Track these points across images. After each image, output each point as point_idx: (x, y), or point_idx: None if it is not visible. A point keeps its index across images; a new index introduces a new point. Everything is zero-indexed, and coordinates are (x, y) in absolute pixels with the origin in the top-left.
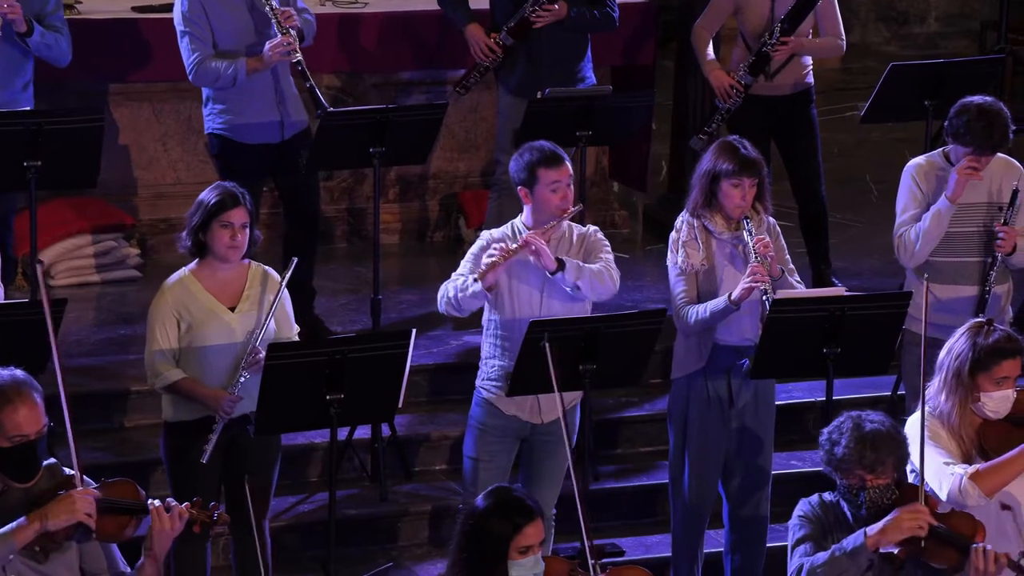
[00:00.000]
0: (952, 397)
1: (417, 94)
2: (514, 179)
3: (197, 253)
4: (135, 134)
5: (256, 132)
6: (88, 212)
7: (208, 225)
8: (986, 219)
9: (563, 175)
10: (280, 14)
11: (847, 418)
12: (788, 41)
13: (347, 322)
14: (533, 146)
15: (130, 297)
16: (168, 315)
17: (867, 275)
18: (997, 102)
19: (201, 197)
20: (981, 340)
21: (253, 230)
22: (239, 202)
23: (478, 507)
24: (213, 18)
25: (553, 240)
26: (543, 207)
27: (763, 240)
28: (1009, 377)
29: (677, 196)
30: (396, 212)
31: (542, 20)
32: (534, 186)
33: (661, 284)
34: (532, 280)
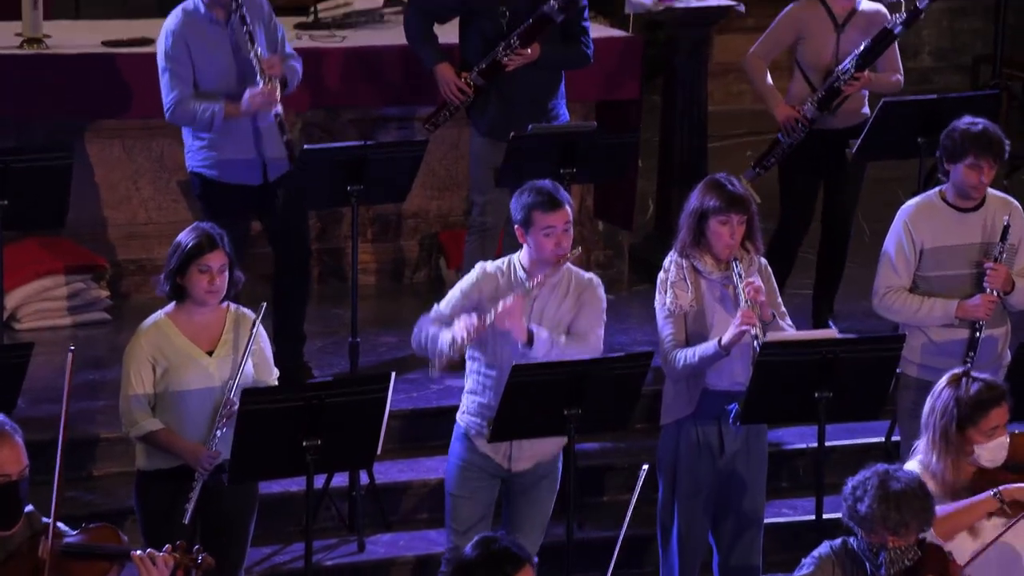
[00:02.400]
0: (943, 456)
1: (393, 130)
2: (512, 217)
3: (175, 297)
4: (105, 172)
5: (236, 172)
6: (57, 253)
7: (186, 269)
8: (981, 259)
9: (558, 220)
10: (265, 62)
11: (873, 474)
12: (861, 76)
13: (324, 366)
14: (534, 187)
15: (100, 340)
16: (143, 360)
17: (859, 317)
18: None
19: (178, 239)
20: (963, 394)
21: (233, 272)
22: (217, 244)
23: (466, 557)
24: (196, 57)
25: (548, 285)
26: (537, 251)
27: (753, 284)
28: (999, 425)
29: (664, 235)
30: (373, 252)
31: (514, 64)
32: (529, 228)
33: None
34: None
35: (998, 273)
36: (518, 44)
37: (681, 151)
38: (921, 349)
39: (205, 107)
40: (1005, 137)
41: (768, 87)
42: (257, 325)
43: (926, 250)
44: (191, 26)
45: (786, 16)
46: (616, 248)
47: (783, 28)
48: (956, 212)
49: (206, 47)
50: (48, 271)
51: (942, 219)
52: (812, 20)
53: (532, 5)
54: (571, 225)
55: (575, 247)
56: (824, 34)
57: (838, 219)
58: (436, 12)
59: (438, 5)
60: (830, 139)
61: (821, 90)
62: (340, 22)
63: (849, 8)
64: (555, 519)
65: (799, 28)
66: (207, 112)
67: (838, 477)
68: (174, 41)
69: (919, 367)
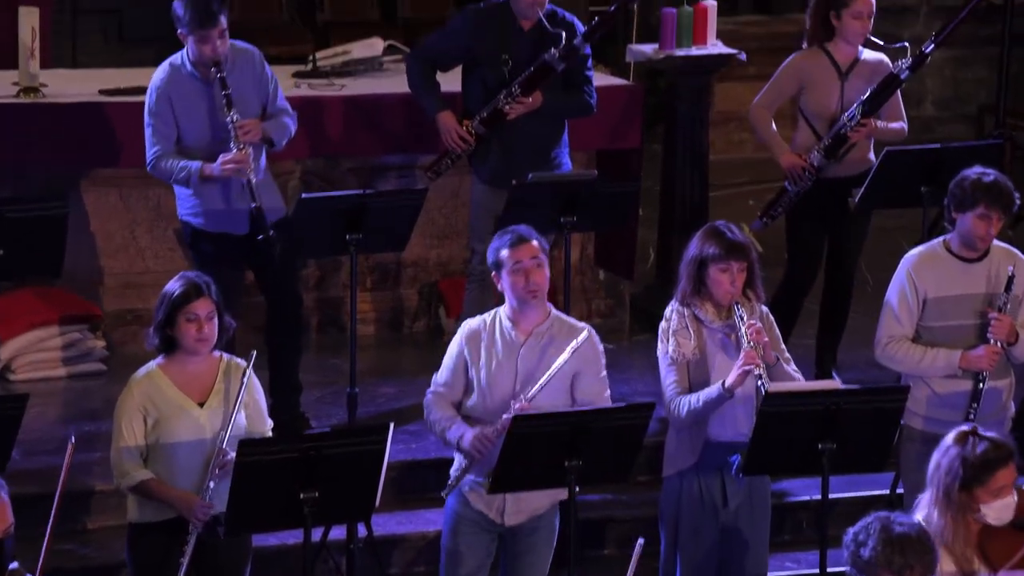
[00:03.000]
0: (946, 514)
1: (393, 179)
2: (489, 267)
3: (166, 349)
4: (102, 221)
5: (222, 221)
6: (52, 303)
7: (174, 319)
8: (985, 309)
9: (524, 255)
10: (240, 128)
11: (875, 519)
12: (867, 123)
13: (322, 416)
14: (505, 230)
15: (96, 392)
16: (135, 411)
17: (863, 367)
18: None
19: (164, 291)
20: (969, 453)
21: (223, 319)
22: (203, 292)
23: None
24: (179, 113)
25: (533, 335)
26: (512, 290)
27: (755, 325)
28: (1006, 485)
29: (665, 284)
30: (372, 301)
31: (516, 112)
32: (501, 269)
33: (649, 376)
34: (506, 375)
35: (1002, 324)
36: (519, 92)
37: (682, 200)
38: (926, 401)
39: (182, 166)
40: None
41: (773, 135)
42: (248, 374)
43: (929, 300)
44: (174, 83)
45: (789, 66)
46: (617, 297)
47: (786, 78)
48: (960, 262)
49: (188, 104)
50: (43, 321)
51: (946, 269)
52: (815, 69)
53: (534, 53)
54: (542, 262)
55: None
56: (828, 83)
57: (841, 268)
58: (438, 60)
59: (440, 53)
60: (835, 188)
61: (827, 137)
62: (339, 70)
63: (852, 57)
64: (555, 573)
65: (802, 77)
66: (183, 172)
67: (842, 530)
68: (157, 97)
69: (924, 419)
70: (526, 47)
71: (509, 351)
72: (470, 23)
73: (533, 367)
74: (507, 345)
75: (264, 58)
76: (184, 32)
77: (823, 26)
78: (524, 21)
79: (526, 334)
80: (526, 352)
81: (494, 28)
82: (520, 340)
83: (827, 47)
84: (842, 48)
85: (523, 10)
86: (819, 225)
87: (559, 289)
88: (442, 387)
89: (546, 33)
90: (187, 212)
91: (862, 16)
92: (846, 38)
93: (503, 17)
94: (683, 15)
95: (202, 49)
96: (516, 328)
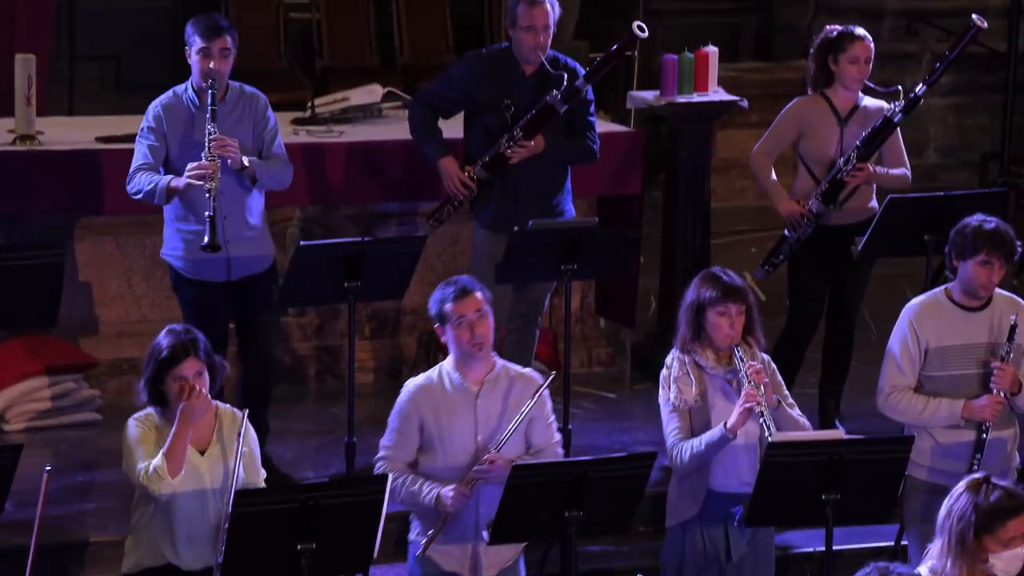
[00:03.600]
0: (958, 562)
1: (393, 226)
2: (432, 319)
3: (158, 403)
4: (98, 269)
5: (199, 267)
6: (46, 352)
7: (161, 378)
8: (987, 359)
9: (468, 308)
10: (215, 141)
11: (873, 569)
12: (864, 168)
13: (320, 466)
14: (448, 281)
15: (90, 442)
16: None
17: (867, 417)
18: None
19: (152, 346)
20: (982, 501)
21: (214, 372)
22: (189, 352)
23: None
24: (170, 136)
25: (486, 385)
26: (456, 344)
27: (755, 367)
28: (1016, 536)
29: (667, 333)
30: (371, 350)
31: (518, 156)
32: (446, 323)
33: (650, 425)
34: (465, 426)
35: (1005, 373)
36: (521, 136)
37: (684, 247)
38: (930, 452)
39: (151, 179)
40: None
41: (772, 183)
42: (244, 425)
43: (931, 349)
44: (173, 107)
45: (788, 112)
46: (618, 346)
47: (786, 124)
48: (962, 311)
49: (181, 128)
50: (37, 371)
51: (948, 318)
52: (815, 115)
53: (536, 98)
54: (485, 314)
55: (550, 372)
56: (827, 129)
57: (843, 317)
58: (440, 106)
59: (442, 99)
60: (836, 235)
61: (824, 182)
62: (338, 117)
63: (852, 103)
64: None
65: (801, 124)
66: (150, 183)
67: None
68: (154, 116)
69: (928, 470)
70: (528, 92)
71: (464, 403)
72: (472, 69)
73: (491, 416)
74: (461, 397)
75: (269, 105)
76: (189, 49)
77: (823, 72)
78: (526, 66)
79: (478, 384)
80: (482, 402)
81: (496, 73)
82: (474, 390)
83: (827, 93)
84: (841, 94)
85: (525, 55)
86: (820, 273)
87: (560, 337)
88: (393, 450)
89: (548, 77)
90: (168, 252)
91: (859, 61)
92: (844, 83)
93: (505, 62)
94: (684, 62)
95: (203, 64)
96: (466, 379)
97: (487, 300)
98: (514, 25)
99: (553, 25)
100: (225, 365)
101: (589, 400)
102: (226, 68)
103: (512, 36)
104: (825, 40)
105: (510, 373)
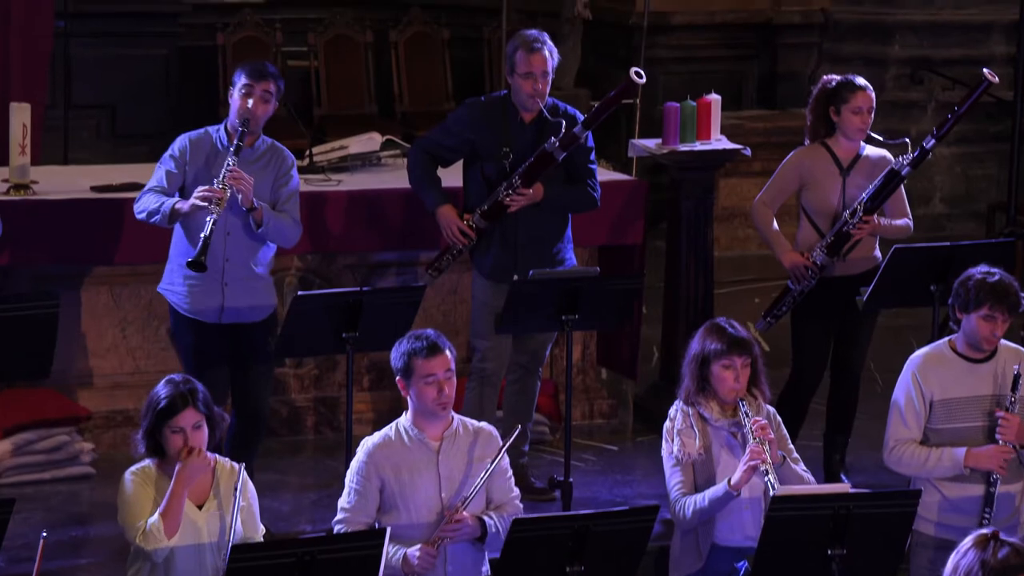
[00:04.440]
0: None
1: (392, 275)
2: (393, 368)
3: (156, 454)
4: (92, 320)
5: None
6: (39, 404)
7: (159, 428)
8: (993, 410)
9: (438, 368)
10: (231, 172)
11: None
12: (870, 220)
13: (317, 520)
14: (414, 334)
15: (83, 496)
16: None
17: (873, 471)
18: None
19: (150, 396)
20: (989, 558)
21: (213, 423)
22: (188, 402)
23: None
24: (190, 169)
25: (446, 440)
26: (419, 400)
27: (760, 422)
28: None
29: (670, 384)
30: (369, 401)
31: (516, 204)
32: (411, 378)
33: (653, 479)
34: (428, 484)
35: (1010, 424)
36: (520, 183)
37: (687, 298)
38: (937, 506)
39: (159, 199)
40: (1021, 288)
41: (775, 234)
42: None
43: (936, 402)
44: (201, 142)
45: (790, 162)
46: (620, 398)
47: (787, 174)
48: (966, 363)
49: (203, 162)
50: (30, 423)
51: (952, 370)
52: (816, 165)
53: (535, 146)
54: (453, 373)
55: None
56: (829, 179)
57: (849, 368)
58: (439, 154)
59: (441, 147)
60: (840, 286)
61: (830, 235)
62: (336, 166)
63: (854, 153)
64: None
65: (803, 174)
66: (157, 203)
67: None
68: (180, 146)
69: (936, 525)
70: (527, 140)
71: (426, 460)
72: (470, 116)
73: (454, 472)
74: (423, 454)
75: (296, 167)
76: (233, 88)
77: (823, 122)
78: (525, 114)
79: (438, 440)
80: (443, 458)
81: (495, 121)
82: (434, 446)
83: (828, 143)
84: (843, 144)
85: (524, 102)
86: (824, 324)
87: (561, 388)
88: (352, 512)
89: (547, 125)
90: (165, 286)
91: (862, 111)
92: (846, 134)
93: (504, 110)
94: (686, 109)
95: (242, 102)
96: (426, 435)
97: (454, 358)
98: (512, 72)
99: (552, 72)
100: (225, 417)
101: (591, 452)
102: (263, 113)
103: (511, 83)
104: (824, 90)
105: (469, 428)
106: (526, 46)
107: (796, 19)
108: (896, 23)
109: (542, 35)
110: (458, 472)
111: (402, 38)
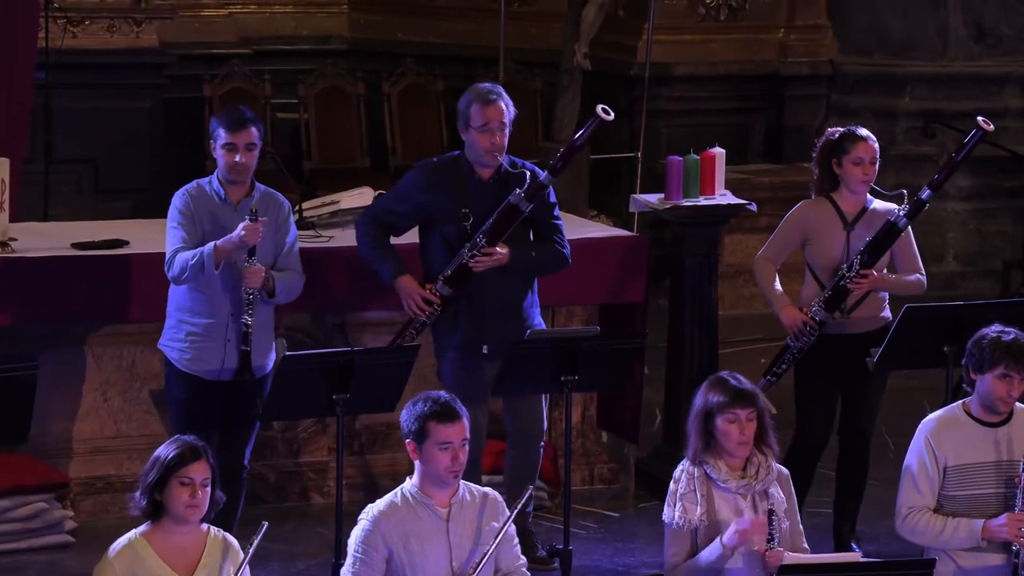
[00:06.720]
0: None
1: (384, 335)
2: (403, 430)
3: (152, 515)
4: (71, 382)
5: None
6: (15, 470)
7: (166, 482)
8: (1005, 477)
9: (455, 435)
10: (249, 270)
11: None
12: (868, 274)
13: None
14: (429, 396)
15: (62, 565)
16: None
17: (885, 539)
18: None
19: (158, 452)
20: None
21: (215, 489)
22: (200, 456)
23: None
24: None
25: (454, 507)
26: (431, 466)
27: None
28: None
29: (673, 448)
30: (360, 466)
31: (483, 264)
32: (424, 441)
33: (655, 546)
34: (439, 553)
35: None
36: (484, 243)
37: (691, 358)
38: None
39: (195, 251)
40: None
41: (774, 289)
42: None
43: (949, 468)
44: (199, 196)
45: (792, 216)
46: (621, 462)
47: (790, 228)
48: (981, 427)
49: (207, 216)
50: (6, 490)
51: (966, 434)
52: (820, 219)
53: (496, 203)
54: (468, 441)
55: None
56: (832, 233)
57: (858, 431)
58: (391, 222)
59: (392, 213)
60: (847, 345)
61: (827, 289)
62: (327, 221)
63: (859, 206)
64: None
65: (807, 228)
66: (195, 256)
67: None
68: (183, 202)
69: None
70: (488, 198)
71: (436, 528)
72: (422, 178)
73: (464, 540)
74: (432, 522)
75: (292, 213)
76: (214, 143)
77: (828, 175)
78: (482, 170)
79: (446, 507)
80: (453, 526)
81: (450, 181)
82: (443, 514)
83: (833, 196)
84: (847, 197)
85: (480, 158)
86: (830, 385)
87: (560, 452)
88: None
89: (509, 179)
90: (166, 342)
91: (863, 162)
92: (849, 186)
93: (459, 169)
94: (690, 163)
95: (228, 158)
96: (434, 502)
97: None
98: (467, 127)
99: (509, 124)
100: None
101: (591, 519)
102: (252, 162)
103: (465, 139)
104: (827, 143)
105: (475, 493)
106: (481, 98)
107: (803, 70)
108: (907, 75)
109: (496, 87)
110: (468, 540)
111: (395, 89)
